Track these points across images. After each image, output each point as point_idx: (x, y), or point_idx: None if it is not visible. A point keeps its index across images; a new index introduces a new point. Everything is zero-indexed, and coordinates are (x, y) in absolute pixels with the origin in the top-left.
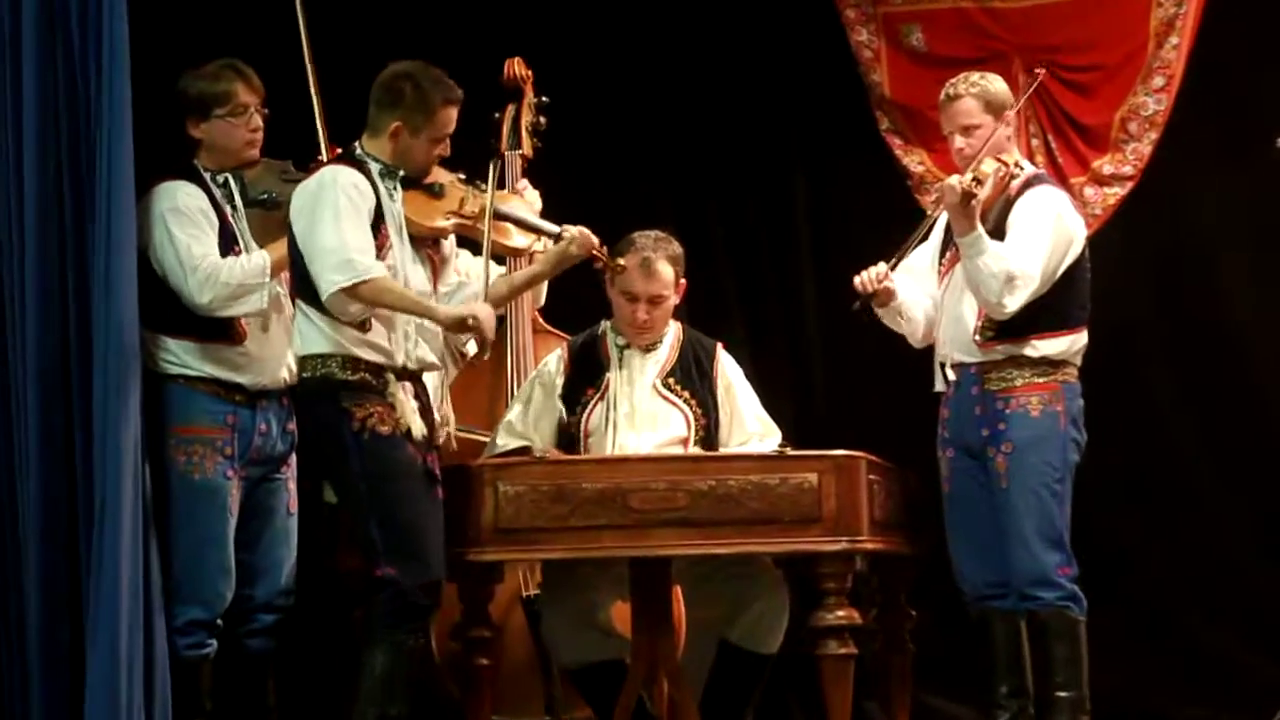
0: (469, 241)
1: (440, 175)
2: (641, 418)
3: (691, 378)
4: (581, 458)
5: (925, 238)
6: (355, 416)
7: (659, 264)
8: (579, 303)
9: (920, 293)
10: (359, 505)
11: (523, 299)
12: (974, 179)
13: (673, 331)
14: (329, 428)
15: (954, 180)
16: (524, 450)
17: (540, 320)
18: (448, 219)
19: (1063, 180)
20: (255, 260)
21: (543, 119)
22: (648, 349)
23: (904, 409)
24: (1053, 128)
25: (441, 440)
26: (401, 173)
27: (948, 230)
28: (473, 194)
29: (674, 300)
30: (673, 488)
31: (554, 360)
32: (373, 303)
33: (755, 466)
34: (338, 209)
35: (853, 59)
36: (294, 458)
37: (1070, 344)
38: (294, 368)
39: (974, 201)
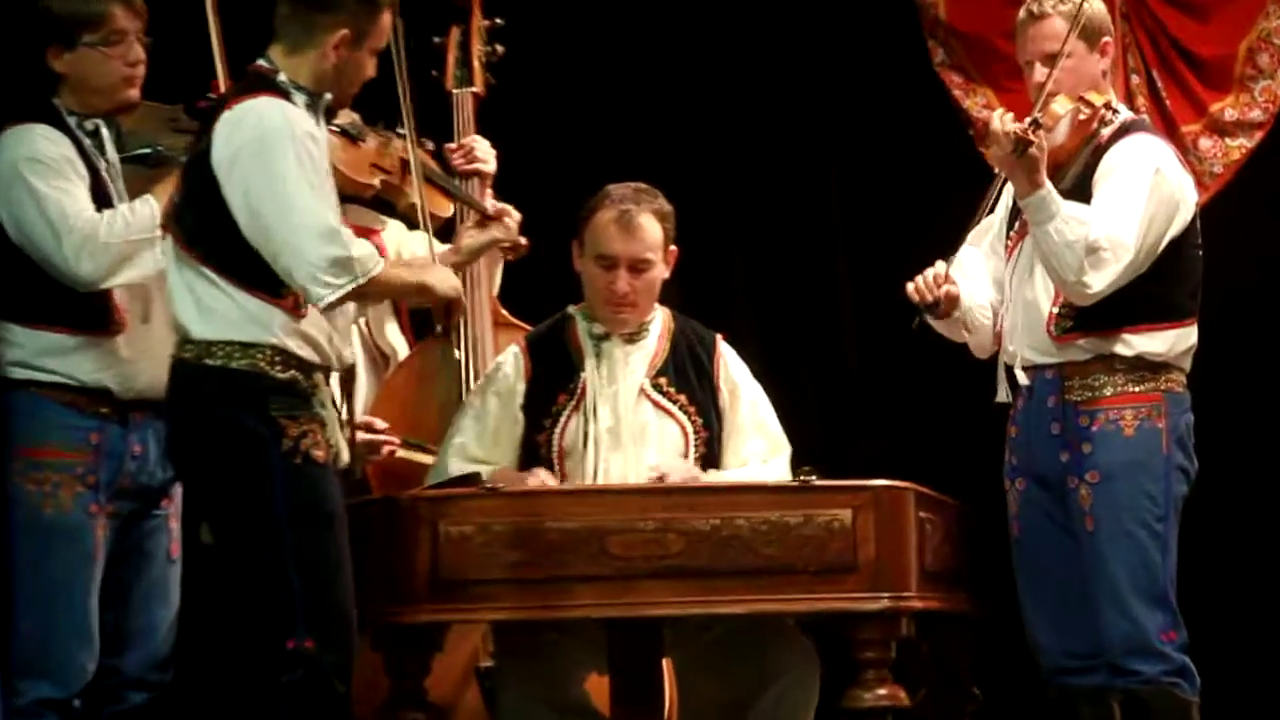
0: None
1: (342, 114)
2: (630, 431)
3: (687, 377)
4: (546, 489)
5: (992, 208)
6: (288, 433)
7: (641, 218)
8: (549, 287)
9: (985, 284)
10: (275, 553)
11: (479, 283)
12: (1033, 123)
13: (660, 318)
14: (247, 444)
15: (1007, 123)
16: (472, 478)
17: (501, 310)
18: (373, 173)
19: (1170, 129)
20: (142, 211)
21: (498, 47)
22: (631, 339)
23: (964, 425)
24: (1159, 61)
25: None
26: (326, 104)
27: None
28: (388, 141)
29: (662, 271)
30: (664, 528)
31: (510, 360)
32: (372, 301)
33: (771, 500)
34: (306, 172)
35: None
36: (178, 489)
37: (1175, 341)
38: None
39: (1033, 151)
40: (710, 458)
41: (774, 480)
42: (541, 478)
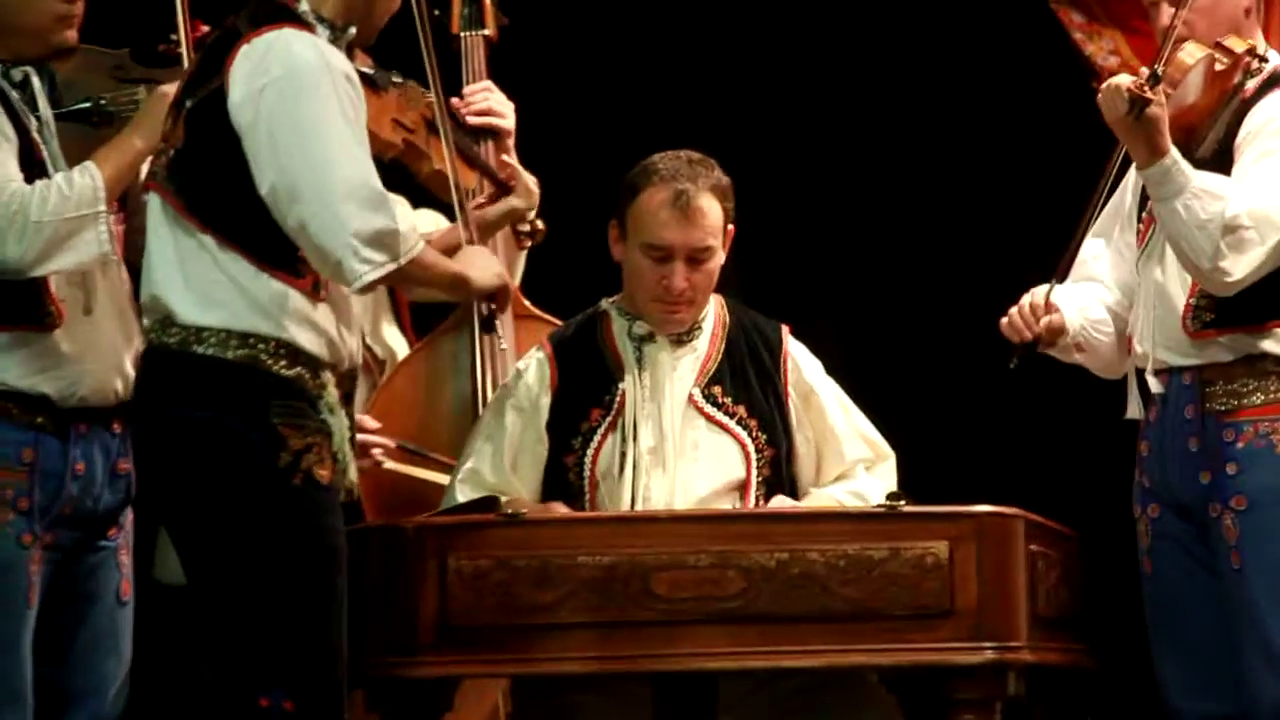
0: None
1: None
2: (678, 452)
3: (748, 382)
4: (577, 515)
5: (1114, 185)
6: (288, 445)
7: (701, 199)
8: (575, 271)
9: (1107, 289)
10: (256, 590)
11: None
12: (1152, 76)
13: (712, 311)
14: (236, 454)
15: (1120, 79)
16: (489, 503)
17: (523, 301)
18: (395, 130)
19: None
20: (81, 183)
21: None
22: (679, 340)
23: (1084, 439)
24: None
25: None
26: (349, 40)
27: None
28: (409, 93)
29: (722, 258)
30: (721, 563)
31: (533, 368)
32: (409, 283)
33: (850, 530)
34: (349, 122)
35: None
36: (129, 515)
37: None
38: (129, 371)
39: (1152, 111)
40: (776, 480)
41: (851, 504)
42: (560, 514)
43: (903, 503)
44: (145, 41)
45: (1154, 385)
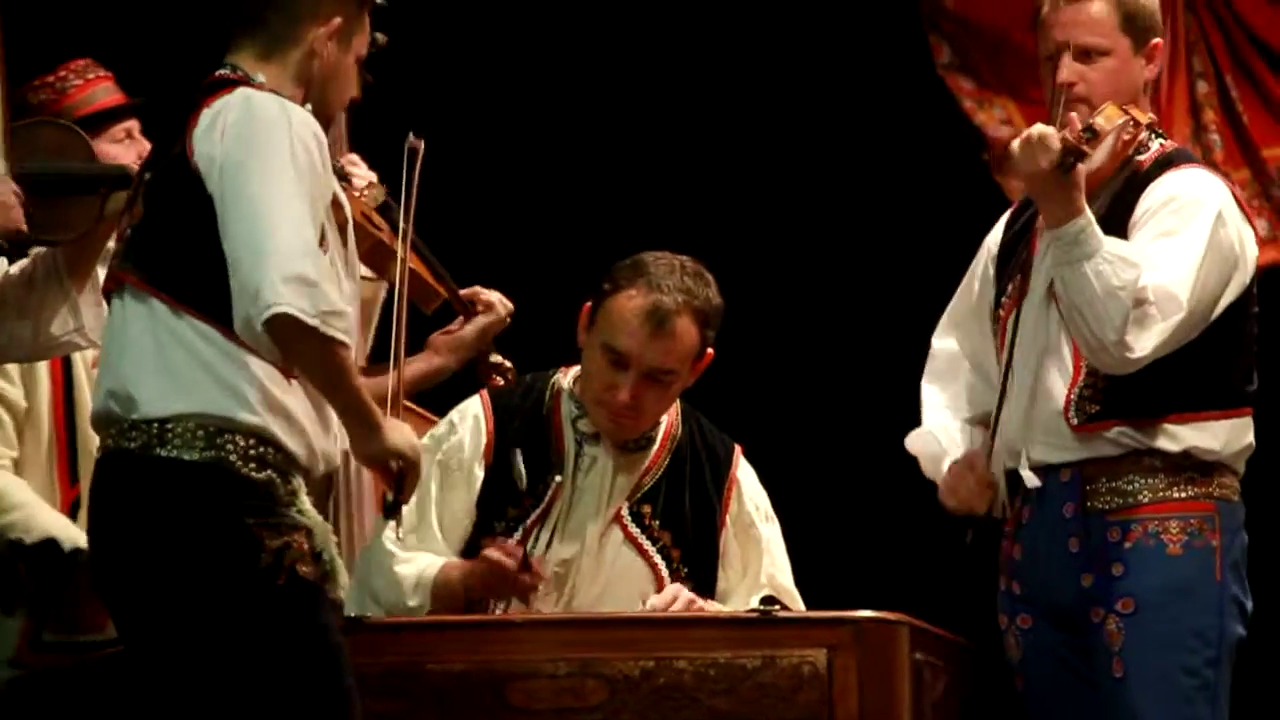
0: None
1: None
2: (588, 569)
3: (680, 508)
4: (426, 620)
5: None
6: (266, 545)
7: (679, 321)
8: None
9: (961, 385)
10: (260, 712)
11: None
12: (1086, 131)
13: (665, 419)
14: (212, 563)
15: (1038, 129)
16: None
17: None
18: (364, 229)
19: (1249, 152)
20: None
21: (379, 36)
22: (626, 447)
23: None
24: (1234, 65)
25: None
26: None
27: (1008, 246)
28: (367, 188)
29: (686, 381)
30: (580, 672)
31: (469, 427)
32: (313, 368)
33: (721, 637)
34: (303, 179)
35: None
36: None
37: (1231, 436)
38: None
39: (1083, 164)
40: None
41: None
42: (508, 549)
43: (777, 607)
44: None
45: (1030, 480)
